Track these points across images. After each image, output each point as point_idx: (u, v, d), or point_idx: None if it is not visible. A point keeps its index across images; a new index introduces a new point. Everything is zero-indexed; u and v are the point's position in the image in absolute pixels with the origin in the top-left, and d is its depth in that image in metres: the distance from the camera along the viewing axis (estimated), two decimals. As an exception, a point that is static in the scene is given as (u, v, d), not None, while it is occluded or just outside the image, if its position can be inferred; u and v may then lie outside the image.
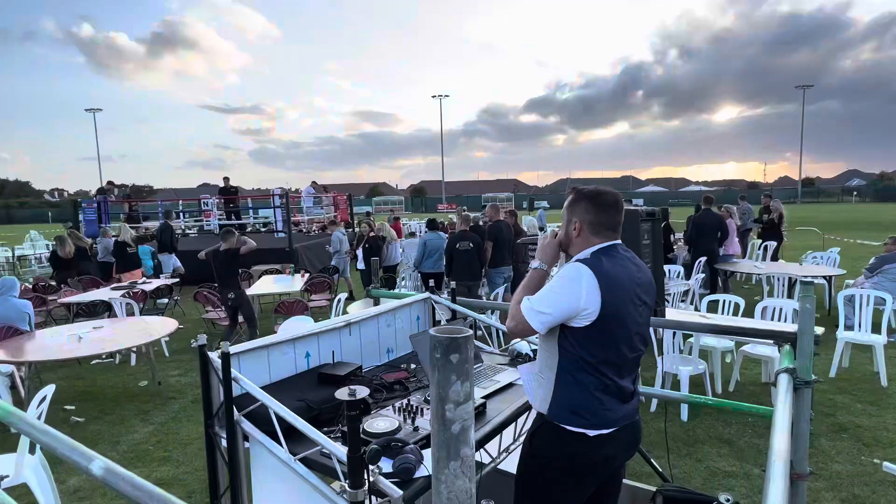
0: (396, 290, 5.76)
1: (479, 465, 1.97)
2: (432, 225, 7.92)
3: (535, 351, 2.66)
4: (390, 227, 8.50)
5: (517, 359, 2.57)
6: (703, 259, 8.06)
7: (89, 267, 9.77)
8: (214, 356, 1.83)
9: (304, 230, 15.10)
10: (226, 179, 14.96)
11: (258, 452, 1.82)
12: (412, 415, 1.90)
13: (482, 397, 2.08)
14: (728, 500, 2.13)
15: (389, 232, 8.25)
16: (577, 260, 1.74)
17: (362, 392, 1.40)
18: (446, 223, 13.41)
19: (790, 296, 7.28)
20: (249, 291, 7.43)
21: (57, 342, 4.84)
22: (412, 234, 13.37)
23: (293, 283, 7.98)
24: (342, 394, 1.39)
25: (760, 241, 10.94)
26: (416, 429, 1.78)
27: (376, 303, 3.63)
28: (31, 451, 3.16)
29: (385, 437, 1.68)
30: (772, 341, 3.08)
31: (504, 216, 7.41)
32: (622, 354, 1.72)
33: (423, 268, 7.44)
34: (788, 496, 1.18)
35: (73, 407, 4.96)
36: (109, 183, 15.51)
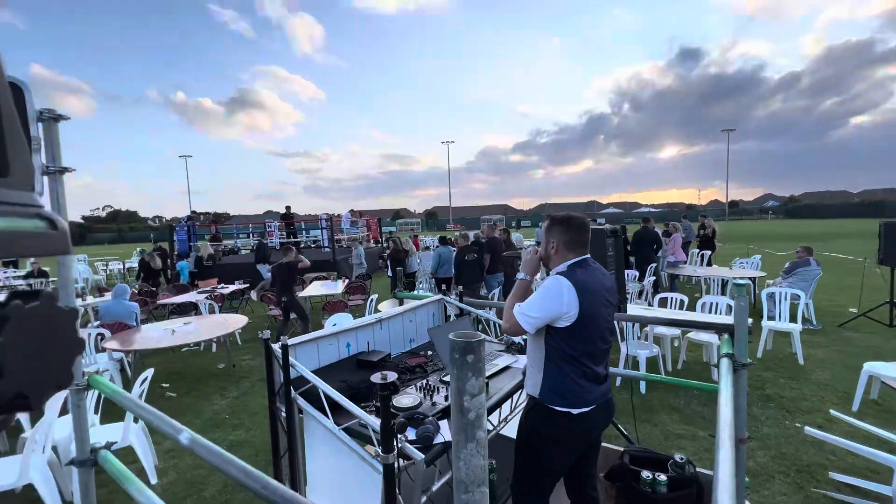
0: (416, 292, 5.72)
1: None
2: (444, 241, 7.87)
3: (525, 342, 2.61)
4: (412, 243, 8.46)
5: (511, 346, 2.52)
6: (653, 265, 7.96)
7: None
8: (276, 347, 1.81)
9: (345, 246, 15.13)
10: (287, 208, 15.06)
11: (310, 423, 1.78)
12: (431, 392, 1.86)
13: (485, 378, 2.04)
14: (682, 459, 2.06)
15: (411, 247, 8.22)
16: (558, 273, 1.71)
17: (392, 376, 1.36)
18: (453, 238, 13.36)
19: (723, 293, 7.13)
20: (303, 294, 7.42)
21: (156, 335, 4.84)
22: (427, 248, 13.32)
23: (336, 287, 7.96)
24: (376, 377, 1.35)
25: (698, 250, 10.80)
26: (433, 404, 1.74)
27: (400, 302, 3.60)
28: (136, 420, 3.14)
29: (409, 411, 1.63)
30: (713, 331, 2.99)
31: (498, 233, 7.37)
32: (597, 346, 1.68)
33: (437, 274, 7.39)
34: (734, 456, 1.14)
35: (167, 385, 4.94)
36: (194, 212, 15.67)
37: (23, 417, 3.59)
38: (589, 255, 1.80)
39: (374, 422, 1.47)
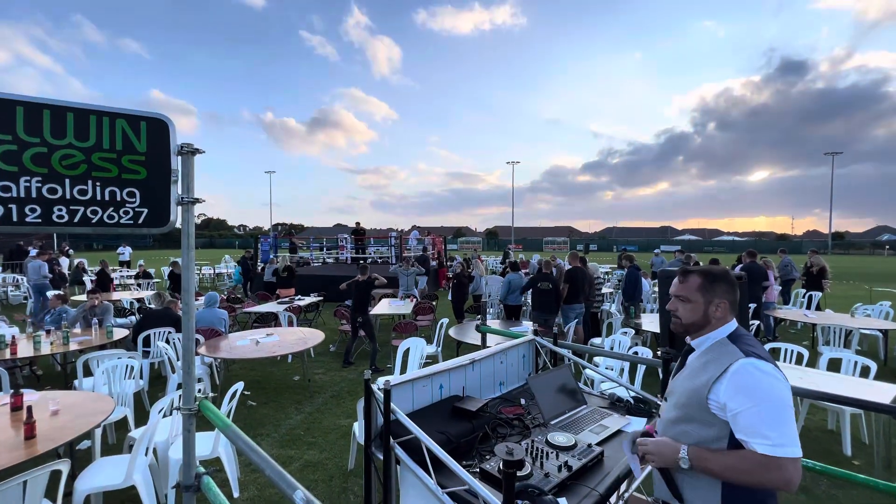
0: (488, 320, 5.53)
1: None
2: (514, 266, 7.64)
3: (635, 398, 2.32)
4: (480, 265, 8.31)
5: (618, 403, 2.24)
6: (753, 306, 7.06)
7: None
8: (377, 389, 1.72)
9: (411, 263, 15.35)
10: (357, 224, 15.74)
11: (407, 476, 1.66)
12: (538, 457, 1.66)
13: (597, 443, 1.79)
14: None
15: (479, 268, 8.08)
16: (748, 356, 1.26)
17: (519, 452, 1.20)
18: (518, 261, 13.07)
19: (846, 345, 6.10)
20: (372, 311, 7.55)
21: (243, 344, 5.12)
22: (493, 273, 13.09)
23: (404, 305, 8.01)
24: (500, 451, 1.20)
25: (805, 290, 9.47)
26: (546, 475, 1.53)
27: (483, 338, 3.44)
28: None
29: (522, 481, 1.45)
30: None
31: (579, 263, 7.00)
32: None
33: (507, 301, 7.16)
34: None
35: (249, 392, 5.18)
36: (277, 225, 16.86)
37: (129, 416, 3.91)
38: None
39: (488, 495, 1.31)
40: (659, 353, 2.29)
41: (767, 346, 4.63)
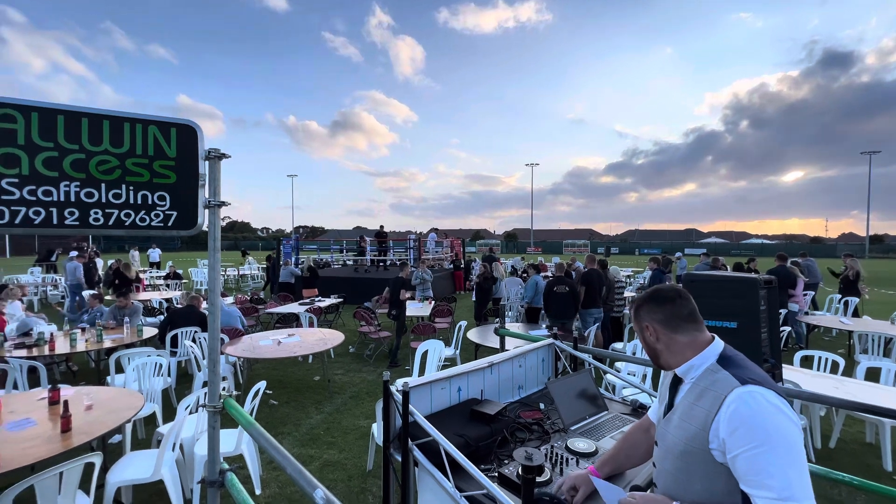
0: (507, 322, 5.51)
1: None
2: (536, 269, 7.57)
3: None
4: (501, 269, 8.27)
5: (640, 409, 2.19)
6: (784, 312, 6.79)
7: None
8: (395, 391, 1.73)
9: (430, 266, 15.44)
10: (381, 227, 15.98)
11: (425, 478, 1.66)
12: (558, 463, 1.64)
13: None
14: None
15: (501, 273, 8.04)
16: (745, 384, 1.07)
17: (538, 457, 1.18)
18: (538, 264, 12.94)
19: (886, 353, 5.79)
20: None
21: (265, 344, 5.23)
22: (513, 273, 13.00)
23: (423, 308, 8.04)
24: (520, 455, 1.19)
25: (840, 295, 9.05)
26: (566, 481, 1.51)
27: (502, 341, 3.42)
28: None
29: (541, 488, 1.43)
30: None
31: (596, 266, 6.88)
32: None
33: (532, 303, 7.13)
34: None
35: (271, 392, 5.29)
36: (297, 228, 17.23)
37: (158, 412, 4.04)
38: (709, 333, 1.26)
39: (507, 500, 1.29)
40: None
41: (798, 355, 4.45)
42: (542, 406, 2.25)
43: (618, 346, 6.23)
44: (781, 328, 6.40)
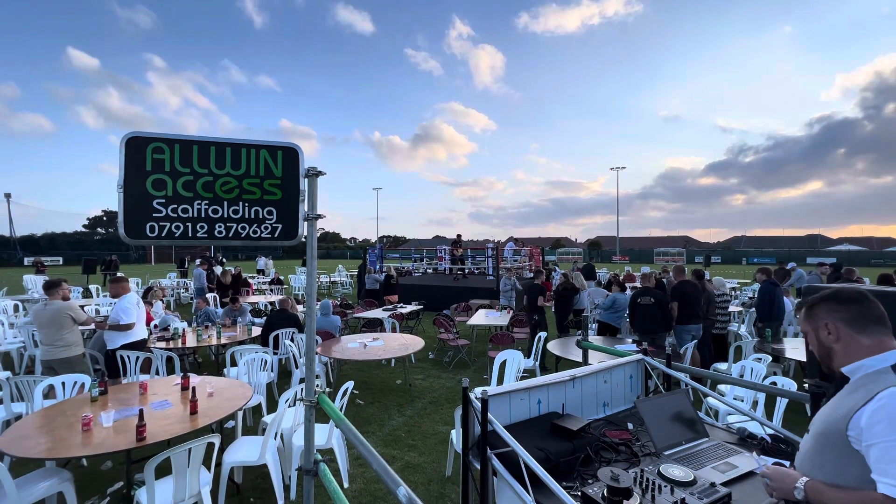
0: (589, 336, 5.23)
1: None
2: (622, 285, 7.13)
3: (773, 437, 1.98)
4: (582, 278, 7.89)
5: (748, 440, 1.93)
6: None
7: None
8: (475, 398, 1.75)
9: (516, 275, 15.29)
10: (458, 236, 16.27)
11: (504, 489, 1.64)
12: (649, 489, 1.51)
13: (722, 483, 1.57)
14: None
15: (582, 283, 7.68)
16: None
17: (626, 479, 1.11)
18: (625, 276, 12.14)
19: None
20: (469, 322, 7.66)
21: (353, 347, 5.59)
22: (598, 284, 12.36)
23: (501, 317, 7.97)
24: (605, 475, 1.13)
25: None
26: (659, 510, 1.39)
27: (585, 354, 3.26)
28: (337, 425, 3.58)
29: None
30: None
31: (690, 277, 6.24)
32: None
33: (602, 318, 6.70)
34: None
35: (357, 392, 5.63)
36: (381, 237, 18.20)
37: (263, 403, 4.52)
38: None
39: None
40: (806, 385, 1.93)
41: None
42: (630, 426, 2.10)
43: (721, 366, 5.55)
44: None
